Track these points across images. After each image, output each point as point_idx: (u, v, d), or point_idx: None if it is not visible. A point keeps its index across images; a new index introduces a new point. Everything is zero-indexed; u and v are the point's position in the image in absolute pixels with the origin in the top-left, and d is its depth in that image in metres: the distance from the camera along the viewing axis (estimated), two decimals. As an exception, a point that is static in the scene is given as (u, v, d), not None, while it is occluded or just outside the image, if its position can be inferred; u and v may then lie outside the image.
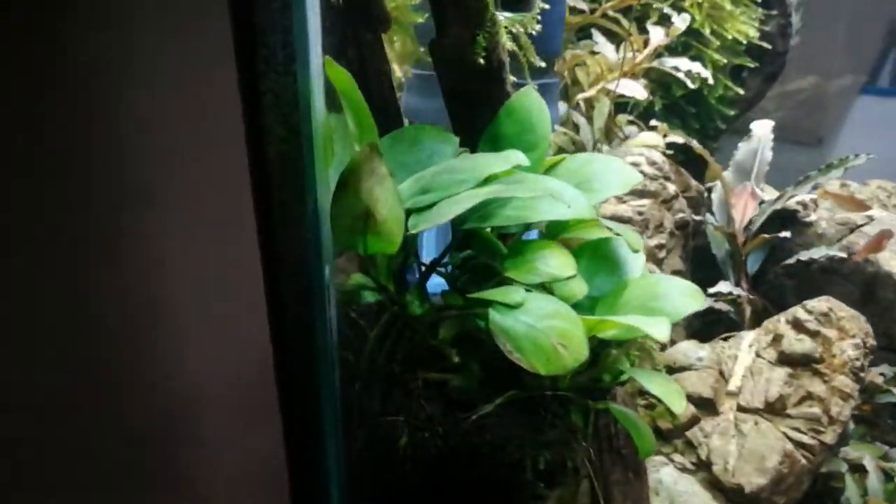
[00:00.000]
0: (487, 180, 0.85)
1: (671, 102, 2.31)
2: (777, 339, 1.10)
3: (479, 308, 0.88)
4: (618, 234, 1.01)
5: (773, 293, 1.50)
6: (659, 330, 0.79)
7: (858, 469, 1.10)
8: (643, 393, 1.20)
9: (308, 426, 0.90)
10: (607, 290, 0.99)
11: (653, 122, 1.97)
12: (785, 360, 1.06)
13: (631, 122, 2.00)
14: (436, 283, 1.09)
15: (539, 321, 0.82)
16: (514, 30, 0.97)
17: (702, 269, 1.60)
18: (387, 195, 0.78)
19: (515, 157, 0.88)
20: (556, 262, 0.88)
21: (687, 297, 0.93)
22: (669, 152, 1.91)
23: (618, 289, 0.97)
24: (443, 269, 1.04)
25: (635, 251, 0.93)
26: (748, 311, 1.41)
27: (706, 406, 1.11)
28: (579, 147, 1.66)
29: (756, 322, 1.40)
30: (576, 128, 1.65)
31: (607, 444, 1.10)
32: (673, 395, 0.88)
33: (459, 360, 0.98)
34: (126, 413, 0.60)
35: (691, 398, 1.15)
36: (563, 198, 0.81)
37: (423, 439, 1.00)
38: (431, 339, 0.96)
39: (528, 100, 1.03)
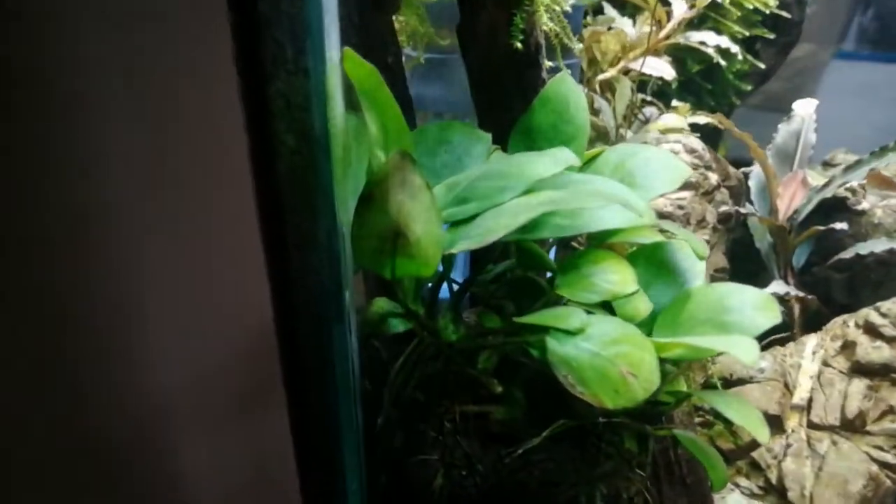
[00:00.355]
0: (534, 185, 0.75)
1: (686, 79, 2.24)
2: (848, 346, 1.01)
3: (530, 335, 0.78)
4: (672, 237, 0.93)
5: (819, 289, 1.41)
6: (747, 352, 0.70)
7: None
8: (697, 409, 1.12)
9: (327, 471, 0.83)
10: (666, 303, 0.90)
11: (675, 103, 1.89)
12: (860, 370, 0.98)
13: (648, 103, 1.92)
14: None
15: (605, 348, 0.73)
16: (555, 7, 0.87)
17: (737, 262, 1.51)
18: (421, 210, 0.68)
19: (564, 156, 0.79)
20: (617, 277, 0.79)
21: (761, 311, 0.84)
22: (695, 135, 1.84)
23: (679, 301, 0.88)
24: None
25: (701, 258, 0.84)
26: (797, 310, 1.32)
27: (772, 423, 1.03)
28: (601, 133, 1.56)
29: (808, 324, 1.32)
30: (595, 112, 1.56)
31: (666, 473, 1.02)
32: (755, 422, 0.79)
33: (502, 389, 0.89)
34: (100, 422, 0.54)
35: (755, 414, 1.06)
36: (623, 202, 0.71)
37: (462, 479, 0.92)
38: (469, 369, 0.87)
39: (565, 87, 0.94)
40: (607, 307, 0.83)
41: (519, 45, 0.79)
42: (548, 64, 0.94)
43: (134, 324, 0.54)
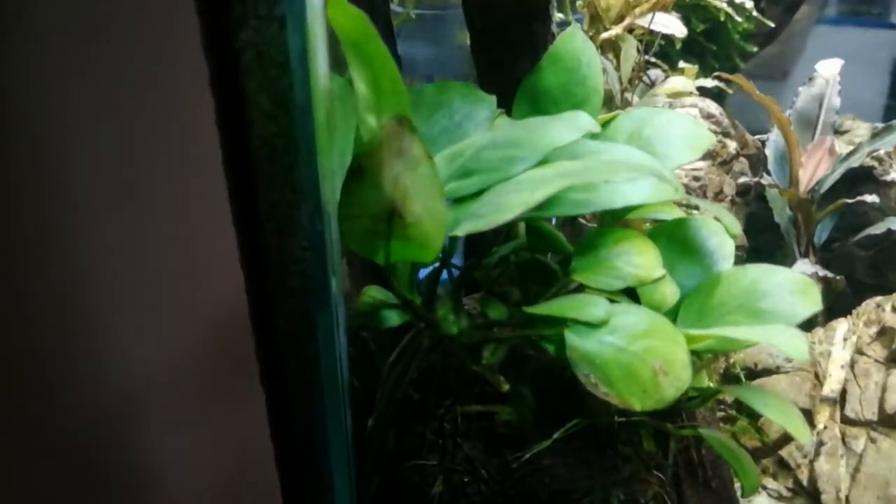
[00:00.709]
0: (548, 155, 0.68)
1: (689, 39, 2.17)
2: (886, 332, 0.96)
3: (545, 328, 0.71)
4: (695, 212, 0.86)
5: (841, 265, 1.36)
6: (794, 345, 0.63)
7: None
8: (718, 402, 1.06)
9: (312, 479, 0.77)
10: (691, 287, 0.83)
11: (681, 64, 1.81)
12: (899, 359, 0.93)
13: (652, 65, 1.84)
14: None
15: (632, 342, 0.67)
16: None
17: (752, 238, 1.45)
18: (422, 185, 0.60)
19: (582, 121, 0.71)
20: (642, 260, 0.72)
21: (799, 296, 0.77)
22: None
23: (707, 285, 0.82)
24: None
25: (733, 236, 0.77)
26: (821, 292, 1.26)
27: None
28: (606, 97, 1.48)
29: (832, 308, 1.26)
30: (597, 75, 1.47)
31: (689, 475, 0.96)
32: (797, 423, 0.73)
33: (509, 386, 0.82)
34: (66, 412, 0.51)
35: (783, 408, 1.00)
36: (657, 174, 0.64)
37: (463, 485, 0.86)
38: (473, 365, 0.80)
39: (576, 42, 0.87)
40: (630, 294, 0.76)
41: (528, -7, 0.70)
42: (557, 16, 0.86)
43: (100, 318, 0.51)
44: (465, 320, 0.81)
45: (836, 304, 1.27)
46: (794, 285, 0.80)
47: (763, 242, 1.43)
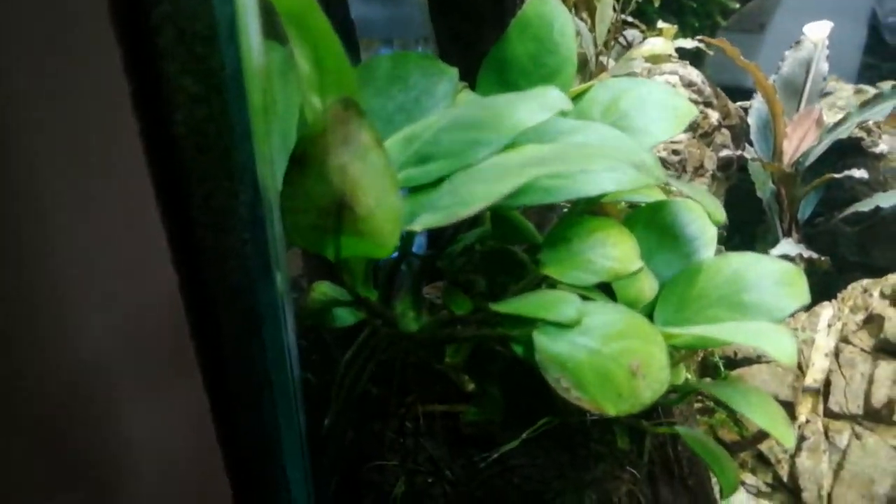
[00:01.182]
0: (516, 138, 0.64)
1: (669, -3, 2.15)
2: (873, 319, 0.95)
3: (512, 327, 0.68)
4: (682, 196, 0.83)
5: (825, 243, 1.35)
6: (782, 348, 0.61)
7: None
8: (697, 393, 1.05)
9: (265, 483, 0.76)
10: (670, 276, 0.81)
11: (661, 24, 1.78)
12: (887, 349, 0.91)
13: (629, 24, 1.80)
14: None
15: (606, 344, 0.64)
16: None
17: (732, 213, 1.43)
18: (373, 176, 0.57)
19: (553, 99, 0.68)
20: (618, 252, 0.69)
21: (786, 288, 0.76)
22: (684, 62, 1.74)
23: (687, 275, 0.80)
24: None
25: (716, 223, 0.75)
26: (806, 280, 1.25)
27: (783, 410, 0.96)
28: (580, 61, 1.45)
29: (816, 289, 1.25)
30: (570, 37, 1.42)
31: (664, 473, 0.95)
32: (781, 424, 0.72)
33: (475, 386, 0.80)
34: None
35: (764, 400, 1.00)
36: (636, 163, 0.61)
37: (428, 486, 0.85)
38: (435, 364, 0.77)
39: (548, 6, 0.83)
40: (605, 288, 0.74)
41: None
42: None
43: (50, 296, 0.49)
44: (425, 316, 0.78)
45: (820, 285, 1.26)
46: (779, 276, 0.78)
47: (745, 217, 1.41)
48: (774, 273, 0.77)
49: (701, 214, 0.83)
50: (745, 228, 1.40)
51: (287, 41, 0.63)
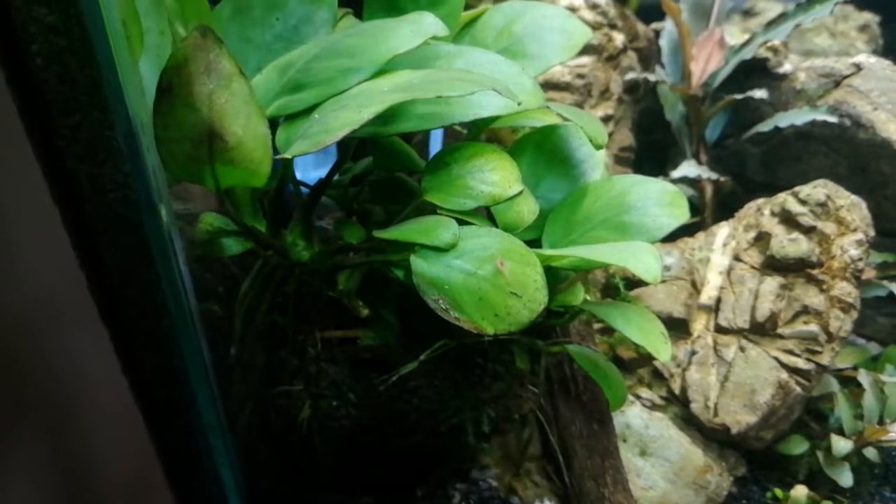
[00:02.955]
0: (389, 64, 0.67)
1: None
2: (762, 237, 1.01)
3: (394, 253, 0.72)
4: (567, 121, 0.87)
5: (733, 163, 1.41)
6: (647, 268, 0.67)
7: (849, 383, 1.07)
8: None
9: (174, 406, 0.79)
10: (559, 199, 0.86)
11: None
12: (773, 265, 0.98)
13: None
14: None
15: (481, 266, 0.69)
16: None
17: (644, 136, 1.49)
18: (238, 104, 0.59)
19: (426, 24, 0.70)
20: (496, 177, 0.73)
21: (666, 208, 0.81)
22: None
23: (574, 198, 0.85)
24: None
25: (598, 147, 0.80)
26: (709, 192, 1.32)
27: (678, 327, 1.03)
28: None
29: (721, 207, 1.33)
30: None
31: (562, 390, 1.02)
32: (657, 340, 0.78)
33: (369, 311, 0.84)
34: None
35: (659, 318, 1.07)
36: (501, 81, 0.64)
37: (332, 410, 0.90)
38: (328, 291, 0.81)
39: None
40: (486, 211, 0.78)
41: None
42: None
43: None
44: (317, 245, 0.81)
45: (727, 205, 1.33)
46: (661, 197, 0.83)
47: (657, 139, 1.47)
48: (656, 194, 0.83)
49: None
50: (657, 153, 1.45)
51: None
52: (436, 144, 1.01)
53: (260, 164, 0.63)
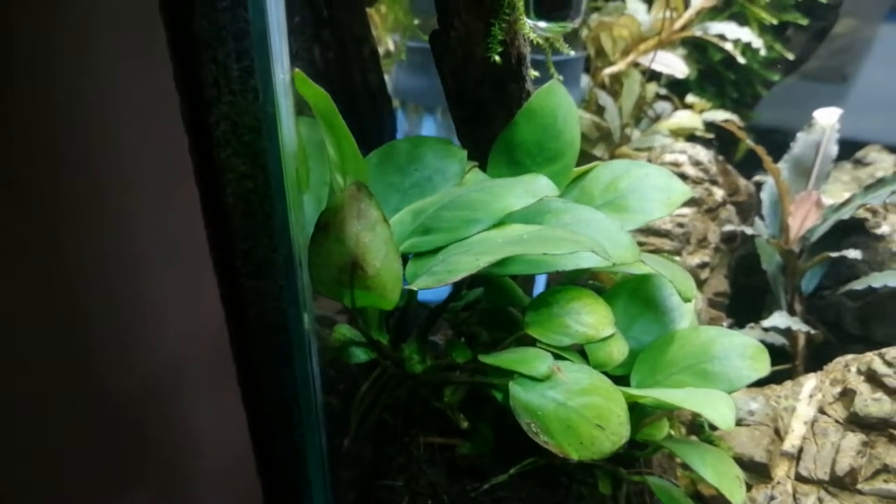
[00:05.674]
0: (505, 217, 0.76)
1: (707, 68, 2.23)
2: (847, 394, 1.02)
3: (496, 377, 0.79)
4: (679, 258, 0.93)
5: (829, 316, 1.41)
6: (722, 415, 0.71)
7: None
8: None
9: (292, 497, 0.90)
10: (649, 341, 0.91)
11: (689, 98, 1.87)
12: (857, 421, 0.99)
13: (662, 97, 1.90)
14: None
15: (571, 398, 0.74)
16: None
17: (741, 281, 1.51)
18: (380, 244, 0.69)
19: (539, 186, 0.79)
20: (592, 319, 0.79)
21: (749, 361, 0.85)
22: (710, 135, 1.82)
23: (662, 343, 0.89)
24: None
25: (686, 300, 0.85)
26: (801, 342, 1.33)
27: (758, 470, 1.04)
28: (604, 133, 1.55)
29: (814, 358, 1.33)
30: (600, 109, 1.55)
31: (642, 519, 1.03)
32: (731, 483, 0.80)
33: (469, 424, 0.90)
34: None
35: (740, 461, 1.07)
36: (600, 241, 0.72)
37: None
38: (435, 401, 0.88)
39: (554, 99, 0.94)
40: (580, 349, 0.84)
41: (497, 58, 0.78)
42: (533, 74, 0.94)
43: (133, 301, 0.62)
44: (429, 360, 0.89)
45: (822, 354, 1.32)
46: (743, 350, 0.87)
47: (754, 283, 1.48)
48: (739, 347, 0.86)
49: (682, 288, 0.92)
50: (753, 299, 1.47)
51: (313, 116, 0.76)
52: (540, 280, 1.09)
53: (391, 292, 0.72)
